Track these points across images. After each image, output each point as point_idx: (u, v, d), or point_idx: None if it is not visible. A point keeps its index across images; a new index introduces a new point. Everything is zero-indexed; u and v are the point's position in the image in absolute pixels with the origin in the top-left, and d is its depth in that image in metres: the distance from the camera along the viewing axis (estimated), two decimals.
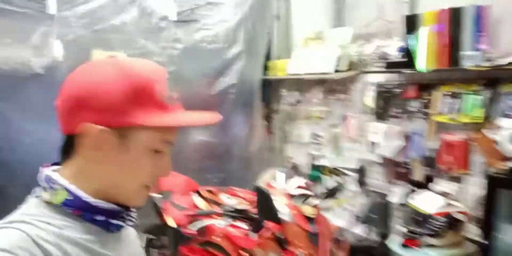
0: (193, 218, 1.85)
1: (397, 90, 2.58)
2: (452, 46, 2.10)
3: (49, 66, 2.19)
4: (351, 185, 3.03)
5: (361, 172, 2.90)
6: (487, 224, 1.69)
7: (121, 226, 0.73)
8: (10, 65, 2.10)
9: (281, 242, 1.59)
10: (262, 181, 2.04)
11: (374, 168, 2.84)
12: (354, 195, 3.00)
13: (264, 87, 3.45)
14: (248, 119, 3.29)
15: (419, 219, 2.01)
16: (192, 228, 1.75)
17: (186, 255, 1.87)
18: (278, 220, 1.58)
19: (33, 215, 0.65)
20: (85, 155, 0.68)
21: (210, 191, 2.13)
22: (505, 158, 1.66)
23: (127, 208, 0.73)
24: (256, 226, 1.70)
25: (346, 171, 3.04)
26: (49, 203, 0.67)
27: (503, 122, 1.67)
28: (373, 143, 2.74)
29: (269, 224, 1.61)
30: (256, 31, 3.18)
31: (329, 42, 2.93)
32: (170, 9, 2.75)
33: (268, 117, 3.56)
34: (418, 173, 2.50)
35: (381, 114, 2.70)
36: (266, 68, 3.38)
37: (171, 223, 2.19)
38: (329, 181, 3.18)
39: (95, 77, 0.67)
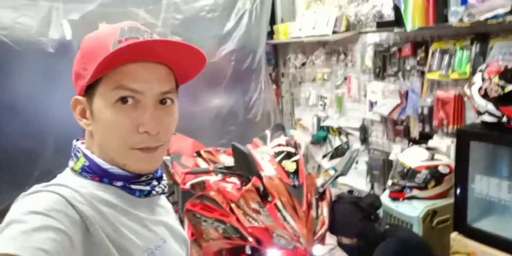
0: (192, 175, 2.06)
1: (394, 49, 2.60)
2: (438, 3, 2.09)
3: (59, 45, 2.41)
4: (355, 144, 3.14)
5: (363, 131, 3.00)
6: (460, 175, 1.78)
7: (148, 192, 0.72)
8: (22, 45, 2.33)
9: (263, 194, 1.77)
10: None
11: (376, 127, 2.92)
12: (358, 153, 3.12)
13: (272, 51, 3.53)
14: (255, 84, 3.41)
15: (404, 173, 2.12)
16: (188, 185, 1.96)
17: (189, 209, 2.09)
18: (256, 174, 1.75)
19: (67, 181, 0.67)
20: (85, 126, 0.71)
21: (209, 152, 2.32)
22: (479, 112, 1.71)
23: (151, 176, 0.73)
24: (245, 180, 1.88)
25: (350, 131, 3.15)
26: (74, 171, 0.70)
27: (475, 76, 1.71)
28: (371, 102, 2.81)
29: (255, 178, 1.78)
30: None
31: (328, 4, 2.95)
32: None
33: (276, 81, 3.67)
34: (415, 130, 2.57)
35: (379, 73, 2.74)
36: (272, 32, 3.45)
37: (179, 182, 2.43)
38: (335, 141, 3.30)
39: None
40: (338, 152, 3.31)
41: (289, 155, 1.95)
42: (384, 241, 1.76)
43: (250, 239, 1.77)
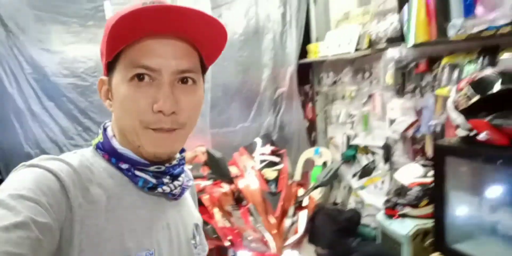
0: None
1: (411, 65, 2.55)
2: (439, 16, 2.04)
3: None
4: (381, 163, 3.05)
5: (386, 149, 2.91)
6: (437, 193, 1.69)
7: (152, 186, 0.66)
8: None
9: (238, 198, 1.87)
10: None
11: (398, 146, 2.82)
12: (383, 173, 3.02)
13: (307, 70, 3.64)
14: (288, 103, 3.52)
15: (398, 190, 2.06)
16: None
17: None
18: (227, 178, 1.86)
19: (81, 154, 0.66)
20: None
21: None
22: (456, 126, 1.63)
23: (169, 170, 0.68)
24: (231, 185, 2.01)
25: (375, 149, 3.07)
26: (93, 146, 0.69)
27: (452, 89, 1.64)
28: (391, 120, 2.74)
29: (232, 183, 1.90)
30: (290, 17, 3.38)
31: (353, 22, 2.99)
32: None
33: (312, 99, 3.73)
34: (429, 149, 2.45)
35: (399, 90, 2.68)
36: (306, 52, 3.55)
37: None
38: (363, 160, 3.23)
39: None
40: (366, 172, 3.23)
41: (273, 164, 2.04)
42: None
43: (225, 242, 1.88)
